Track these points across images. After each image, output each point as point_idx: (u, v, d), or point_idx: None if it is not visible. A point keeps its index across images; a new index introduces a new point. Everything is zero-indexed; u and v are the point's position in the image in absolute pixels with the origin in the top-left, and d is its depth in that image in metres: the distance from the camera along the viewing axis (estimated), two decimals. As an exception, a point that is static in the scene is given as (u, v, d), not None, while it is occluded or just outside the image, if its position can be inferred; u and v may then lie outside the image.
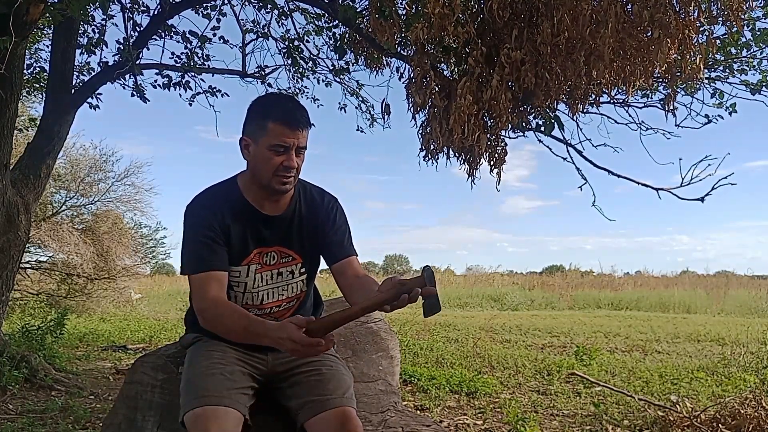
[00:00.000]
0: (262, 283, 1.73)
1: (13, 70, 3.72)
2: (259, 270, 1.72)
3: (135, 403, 1.83)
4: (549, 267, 26.79)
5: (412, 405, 4.07)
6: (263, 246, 1.72)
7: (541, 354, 6.43)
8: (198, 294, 1.62)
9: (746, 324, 9.23)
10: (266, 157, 1.62)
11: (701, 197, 4.14)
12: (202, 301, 1.60)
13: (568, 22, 3.45)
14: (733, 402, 3.44)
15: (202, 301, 1.60)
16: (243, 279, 1.71)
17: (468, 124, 3.66)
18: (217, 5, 5.14)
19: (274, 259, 1.74)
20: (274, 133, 1.60)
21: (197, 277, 1.62)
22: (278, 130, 1.60)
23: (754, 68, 4.78)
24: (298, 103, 1.71)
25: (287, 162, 1.61)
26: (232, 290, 1.71)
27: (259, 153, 1.63)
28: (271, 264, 1.74)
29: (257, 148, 1.64)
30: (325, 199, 1.82)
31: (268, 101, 1.72)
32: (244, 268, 1.70)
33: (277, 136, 1.60)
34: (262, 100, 1.71)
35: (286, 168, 1.62)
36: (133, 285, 11.45)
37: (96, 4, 3.35)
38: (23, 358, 4.16)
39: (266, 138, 1.61)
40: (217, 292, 1.60)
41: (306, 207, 1.77)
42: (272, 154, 1.61)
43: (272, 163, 1.61)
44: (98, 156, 9.98)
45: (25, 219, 4.18)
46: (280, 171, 1.62)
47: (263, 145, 1.62)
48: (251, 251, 1.70)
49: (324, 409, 1.59)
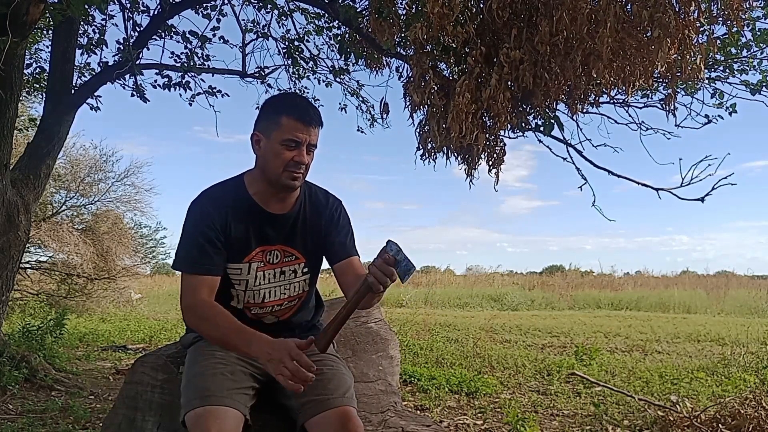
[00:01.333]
0: (264, 281, 1.73)
1: (13, 70, 3.72)
2: (262, 268, 1.72)
3: (135, 403, 1.83)
4: (549, 267, 26.78)
5: (412, 405, 4.07)
6: (266, 244, 1.72)
7: (541, 354, 6.43)
8: (187, 293, 1.62)
9: (746, 324, 9.22)
10: (277, 151, 1.63)
11: (701, 197, 4.13)
12: (191, 300, 1.61)
13: (566, 22, 3.44)
14: (733, 402, 3.44)
15: (190, 300, 1.61)
16: (244, 276, 1.71)
17: (466, 123, 3.66)
18: (217, 5, 5.15)
19: (277, 257, 1.74)
20: (287, 127, 1.61)
21: (190, 278, 1.62)
22: (291, 124, 1.61)
23: (754, 68, 4.78)
24: (311, 103, 1.73)
25: (298, 157, 1.62)
26: (233, 288, 1.71)
27: (270, 147, 1.64)
28: (274, 262, 1.74)
29: (269, 142, 1.64)
30: (329, 201, 1.83)
31: (282, 98, 1.75)
32: (246, 266, 1.70)
33: (290, 131, 1.61)
34: (277, 98, 1.75)
35: (296, 164, 1.63)
36: (133, 285, 11.46)
37: (95, 4, 3.34)
38: (23, 358, 4.16)
39: (278, 132, 1.62)
40: (207, 296, 1.61)
41: (311, 207, 1.78)
42: (284, 148, 1.62)
43: (283, 158, 1.62)
44: (98, 156, 10.02)
45: (25, 219, 4.18)
46: (291, 166, 1.63)
47: (275, 139, 1.63)
48: (253, 249, 1.70)
49: (325, 408, 1.59)
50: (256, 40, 5.52)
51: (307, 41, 5.59)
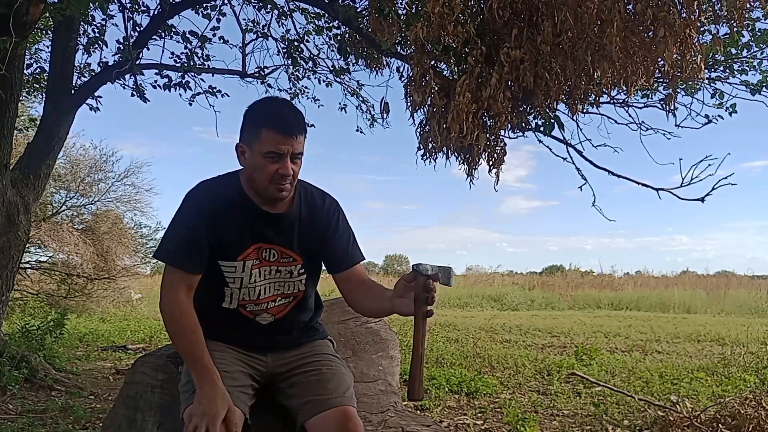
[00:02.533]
0: (259, 279, 1.70)
1: (13, 70, 3.72)
2: (257, 265, 1.69)
3: (135, 403, 1.83)
4: (549, 267, 26.82)
5: (412, 405, 4.07)
6: (262, 242, 1.69)
7: (541, 354, 6.43)
8: (167, 288, 1.62)
9: (746, 324, 9.22)
10: (261, 164, 1.58)
11: (701, 197, 4.12)
12: (168, 296, 1.61)
13: (571, 22, 3.43)
14: (733, 402, 3.44)
15: (168, 296, 1.61)
16: (239, 274, 1.68)
17: (466, 122, 3.65)
18: (217, 5, 5.15)
19: (274, 256, 1.71)
20: (267, 140, 1.56)
21: (172, 270, 1.62)
22: (271, 137, 1.55)
23: (754, 68, 4.78)
24: (293, 108, 1.66)
25: (282, 170, 1.58)
26: (226, 287, 1.68)
27: (254, 160, 1.60)
28: (271, 261, 1.71)
29: (252, 155, 1.60)
30: (326, 202, 1.78)
31: (261, 107, 1.66)
32: (240, 264, 1.67)
33: (271, 144, 1.56)
34: (256, 106, 1.66)
35: (281, 176, 1.58)
36: (133, 285, 11.45)
37: (95, 4, 3.34)
38: (23, 358, 4.16)
39: (260, 145, 1.57)
40: (185, 295, 1.61)
41: (306, 208, 1.74)
42: (267, 161, 1.57)
43: (267, 171, 1.58)
44: (98, 156, 10.01)
45: (25, 219, 4.18)
46: (276, 179, 1.59)
47: (258, 152, 1.58)
48: (249, 247, 1.67)
49: (325, 408, 1.59)
50: (256, 40, 5.53)
51: (307, 41, 5.60)
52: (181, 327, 1.59)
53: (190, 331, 1.58)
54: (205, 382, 1.52)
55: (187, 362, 1.59)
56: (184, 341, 1.58)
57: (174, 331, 1.60)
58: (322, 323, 1.95)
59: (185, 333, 1.58)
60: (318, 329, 1.89)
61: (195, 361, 1.55)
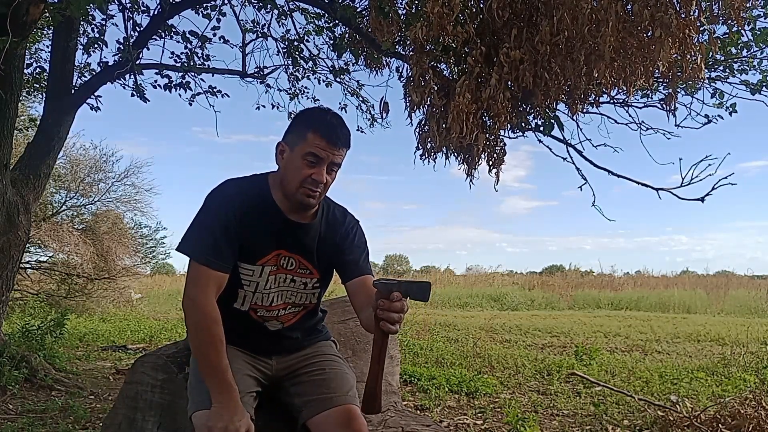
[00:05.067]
0: (274, 285, 1.69)
1: (13, 70, 3.73)
2: (274, 272, 1.68)
3: (135, 403, 1.83)
4: (549, 267, 26.86)
5: (412, 405, 4.07)
6: (283, 249, 1.68)
7: (541, 354, 6.43)
8: (196, 285, 1.56)
9: (746, 324, 9.23)
10: (297, 166, 1.59)
11: (701, 197, 4.12)
12: (197, 295, 1.55)
13: (567, 22, 3.44)
14: (733, 402, 3.45)
15: (195, 294, 1.55)
16: (255, 278, 1.67)
17: (466, 123, 3.65)
18: (217, 5, 5.14)
19: (292, 265, 1.70)
20: (311, 143, 1.57)
21: (200, 269, 1.56)
22: (316, 141, 1.57)
23: (754, 68, 4.77)
24: (343, 122, 1.68)
25: (317, 175, 1.58)
26: (241, 288, 1.67)
27: (291, 160, 1.60)
28: (288, 269, 1.70)
29: (291, 155, 1.61)
30: (346, 219, 1.79)
31: (313, 112, 1.68)
32: (258, 268, 1.66)
33: (314, 147, 1.57)
34: (308, 111, 1.69)
35: (314, 181, 1.58)
36: (133, 285, 11.46)
37: (95, 4, 3.34)
38: (23, 358, 4.16)
39: (302, 146, 1.58)
40: (213, 296, 1.56)
41: (326, 224, 1.74)
42: (304, 164, 1.58)
43: (302, 173, 1.58)
44: (98, 156, 10.01)
45: (25, 219, 4.18)
46: (308, 183, 1.58)
47: (298, 153, 1.59)
48: (269, 252, 1.66)
49: (328, 407, 1.60)
50: (256, 40, 5.52)
51: (306, 41, 5.59)
52: (211, 336, 1.53)
53: (219, 342, 1.53)
54: (228, 399, 1.49)
55: (208, 373, 1.52)
56: (210, 353, 1.52)
57: (202, 340, 1.54)
58: (325, 325, 1.95)
59: (213, 344, 1.53)
60: (321, 331, 1.90)
61: (218, 375, 1.51)
